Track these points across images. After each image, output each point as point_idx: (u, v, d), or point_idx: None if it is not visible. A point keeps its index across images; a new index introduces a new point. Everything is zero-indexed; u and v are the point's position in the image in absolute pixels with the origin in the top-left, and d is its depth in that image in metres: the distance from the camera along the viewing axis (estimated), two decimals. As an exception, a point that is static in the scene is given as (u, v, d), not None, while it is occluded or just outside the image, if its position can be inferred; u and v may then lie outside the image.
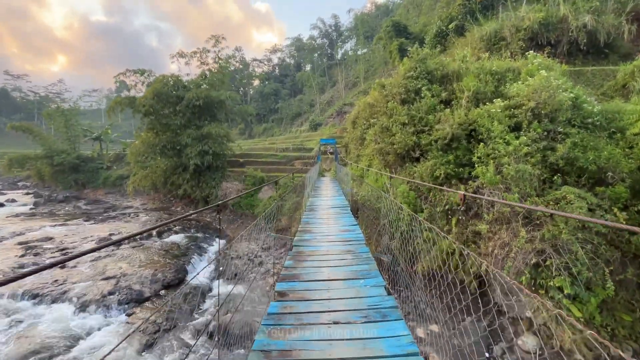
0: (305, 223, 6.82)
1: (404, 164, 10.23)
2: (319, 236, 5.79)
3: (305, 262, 4.37)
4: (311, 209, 8.62)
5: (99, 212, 18.48)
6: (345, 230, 6.36)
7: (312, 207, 9.00)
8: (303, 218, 7.39)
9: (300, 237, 5.72)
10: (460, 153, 8.07)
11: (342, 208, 8.79)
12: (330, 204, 9.39)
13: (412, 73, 10.04)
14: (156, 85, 17.06)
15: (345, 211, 8.37)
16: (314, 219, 7.33)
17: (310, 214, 7.93)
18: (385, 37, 26.83)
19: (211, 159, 17.25)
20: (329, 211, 8.40)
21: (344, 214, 7.98)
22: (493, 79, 8.70)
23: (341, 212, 8.16)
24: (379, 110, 11.58)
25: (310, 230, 6.22)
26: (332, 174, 18.45)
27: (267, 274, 11.19)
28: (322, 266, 4.25)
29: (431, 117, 8.88)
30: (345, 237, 5.78)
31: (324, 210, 8.46)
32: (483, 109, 7.72)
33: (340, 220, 7.17)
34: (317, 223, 6.89)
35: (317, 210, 8.43)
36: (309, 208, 8.79)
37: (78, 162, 25.55)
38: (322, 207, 8.91)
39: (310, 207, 8.86)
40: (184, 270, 10.70)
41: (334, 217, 7.65)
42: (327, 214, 8.08)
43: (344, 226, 6.71)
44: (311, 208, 8.80)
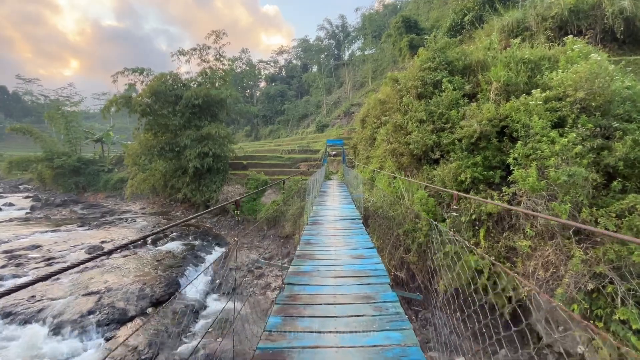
0: (305, 243, 5.42)
1: (421, 167, 9.09)
2: (322, 267, 4.24)
3: (300, 322, 2.69)
4: (314, 222, 7.26)
5: (95, 217, 17.70)
6: (358, 257, 4.76)
7: (316, 218, 7.64)
8: (303, 235, 6.00)
9: (297, 267, 4.19)
10: (489, 154, 6.91)
11: (352, 220, 7.39)
12: (338, 215, 8.05)
13: (430, 64, 8.92)
14: (153, 83, 16.25)
15: (356, 225, 6.96)
16: (317, 237, 5.90)
17: (312, 229, 6.54)
18: (394, 33, 25.69)
19: (211, 161, 16.31)
20: (336, 225, 6.97)
21: (356, 230, 6.53)
22: (526, 68, 7.50)
23: (351, 227, 6.76)
24: (391, 106, 10.47)
25: (311, 256, 4.72)
26: (340, 177, 17.36)
27: (267, 288, 10.13)
28: (324, 331, 2.54)
29: (453, 113, 7.74)
30: (360, 270, 4.10)
31: (330, 224, 7.08)
32: (518, 101, 6.54)
33: (352, 240, 5.71)
34: (320, 244, 5.46)
35: (321, 224, 7.07)
36: (312, 220, 7.42)
37: (79, 164, 24.97)
38: (327, 219, 7.56)
39: (314, 219, 7.51)
40: (176, 284, 9.70)
41: (343, 234, 6.22)
42: (333, 228, 6.67)
43: (357, 249, 5.20)
44: (314, 220, 7.42)
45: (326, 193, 11.34)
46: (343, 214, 8.06)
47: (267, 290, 9.98)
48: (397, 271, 8.50)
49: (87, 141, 29.08)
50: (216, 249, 13.63)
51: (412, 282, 8.38)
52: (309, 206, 7.96)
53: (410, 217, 8.29)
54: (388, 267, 8.46)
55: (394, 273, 8.43)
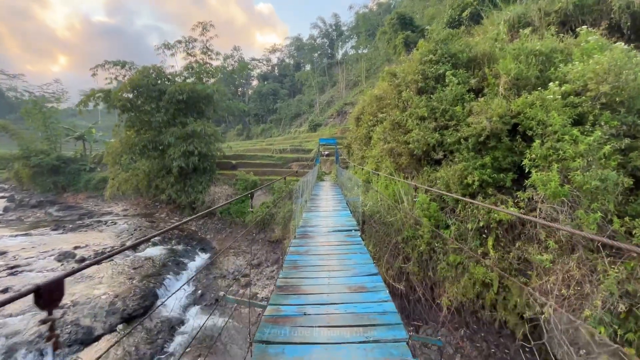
0: (290, 265, 4.16)
1: (421, 168, 8.40)
2: (311, 307, 2.92)
3: None
4: (304, 234, 5.99)
5: (71, 220, 16.59)
6: (359, 290, 3.34)
7: (306, 229, 6.38)
8: (289, 253, 4.72)
9: (276, 307, 2.93)
10: (499, 154, 6.24)
11: (348, 233, 6.13)
12: (332, 224, 6.88)
13: (432, 56, 8.22)
14: (135, 77, 15.21)
15: (354, 239, 5.68)
16: (306, 256, 4.59)
17: (301, 245, 5.24)
18: (389, 30, 25.06)
19: (197, 160, 15.37)
20: (329, 239, 5.69)
21: (354, 246, 5.22)
22: (536, 61, 6.86)
23: (348, 242, 5.50)
24: (389, 103, 9.76)
25: (297, 288, 3.43)
26: (333, 178, 16.61)
27: (254, 298, 9.30)
28: None
29: (458, 109, 7.05)
30: (364, 315, 2.76)
31: (322, 237, 5.84)
32: (533, 96, 5.88)
33: (349, 262, 4.39)
34: (309, 267, 4.15)
35: (312, 237, 5.82)
36: (301, 232, 6.13)
37: (58, 163, 23.62)
38: (319, 231, 6.29)
39: (303, 230, 6.26)
40: (153, 296, 8.82)
41: (339, 251, 4.90)
42: (326, 243, 5.42)
43: (357, 276, 3.79)
44: (304, 232, 6.13)
45: (318, 196, 10.47)
46: (338, 223, 7.01)
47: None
48: (396, 282, 7.78)
49: (68, 138, 27.66)
50: (200, 254, 12.75)
51: (412, 294, 7.68)
52: (298, 213, 6.97)
53: (409, 223, 7.57)
54: (385, 277, 7.75)
55: (392, 285, 7.71)
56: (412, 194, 7.86)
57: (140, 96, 15.67)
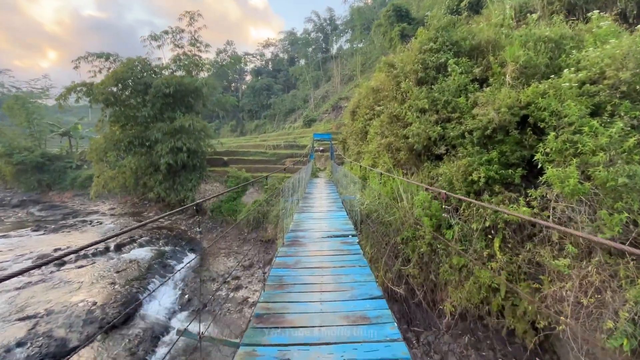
0: (274, 283, 3.43)
1: (421, 163, 7.90)
2: (296, 353, 2.28)
3: None
4: (294, 240, 5.23)
5: (54, 220, 15.86)
6: (360, 321, 2.68)
7: (297, 234, 5.67)
8: (274, 266, 4.00)
9: (252, 348, 2.35)
10: (507, 148, 5.75)
11: (345, 239, 5.37)
12: (326, 228, 6.22)
13: (432, 45, 7.69)
14: (119, 69, 14.44)
15: (351, 247, 4.94)
16: (295, 270, 3.86)
17: (289, 255, 4.48)
18: (385, 23, 24.49)
19: (186, 157, 14.69)
20: (323, 247, 4.91)
21: (351, 258, 4.41)
22: (546, 48, 6.36)
23: (345, 251, 4.73)
24: (386, 95, 9.23)
25: (280, 319, 2.73)
26: (328, 174, 16.08)
27: (244, 303, 8.79)
28: None
29: (462, 100, 6.55)
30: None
31: (314, 244, 5.07)
32: (545, 84, 5.39)
33: (347, 279, 3.61)
34: (298, 285, 3.43)
35: (303, 244, 5.10)
36: (291, 238, 5.40)
37: (42, 160, 22.69)
38: (312, 236, 5.54)
39: (293, 236, 5.53)
40: (135, 302, 8.24)
41: (333, 264, 4.11)
42: (319, 252, 4.67)
43: (356, 300, 3.06)
44: (294, 238, 5.39)
45: (312, 195, 9.89)
46: (333, 226, 6.40)
47: (243, 307, 8.65)
48: (395, 286, 7.29)
49: (52, 135, 26.65)
50: (189, 255, 12.16)
51: (412, 298, 7.22)
52: (287, 216, 6.34)
53: (409, 223, 7.08)
54: (383, 279, 7.28)
55: (391, 288, 7.23)
56: (412, 192, 7.37)
57: (125, 90, 14.91)
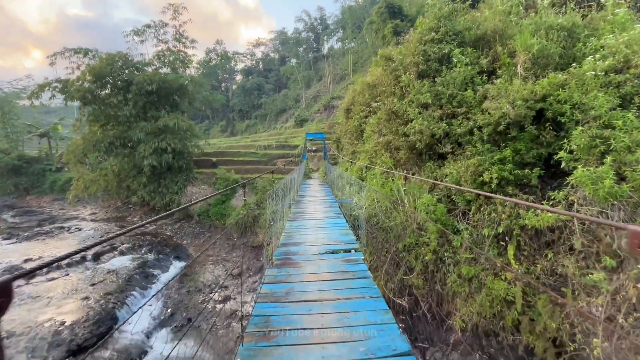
0: (256, 332, 2.38)
1: (423, 163, 7.32)
2: None
3: None
4: (284, 259, 4.20)
5: (29, 226, 14.80)
6: None
7: (288, 250, 4.61)
8: (258, 303, 2.87)
9: None
10: (521, 146, 5.21)
11: (347, 257, 4.31)
12: (324, 240, 5.16)
13: (434, 35, 7.12)
14: (97, 65, 13.52)
15: (357, 270, 3.73)
16: (285, 311, 2.76)
17: (278, 280, 3.44)
18: (377, 20, 24.02)
19: (171, 158, 13.85)
20: (321, 268, 3.84)
21: (359, 285, 3.31)
22: (558, 36, 5.85)
23: (350, 275, 3.58)
24: (384, 90, 8.63)
25: None
26: (321, 175, 15.43)
27: (232, 317, 8.07)
28: None
29: (469, 94, 5.98)
30: None
31: (310, 264, 3.97)
32: (563, 75, 4.85)
33: (356, 319, 2.63)
34: (290, 335, 2.38)
35: (296, 264, 4.02)
36: (281, 255, 4.36)
37: (19, 163, 21.46)
38: (306, 252, 4.52)
39: (284, 252, 4.49)
40: (111, 319, 7.44)
41: (337, 298, 2.99)
42: (317, 277, 3.56)
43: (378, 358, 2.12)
44: (285, 255, 4.36)
45: (305, 198, 9.15)
46: (331, 238, 5.33)
47: (231, 321, 7.93)
48: (397, 297, 6.68)
49: (31, 136, 25.31)
50: (174, 264, 11.35)
51: (416, 309, 6.62)
52: (276, 226, 5.46)
53: (411, 228, 6.48)
54: (384, 291, 6.67)
55: (393, 299, 6.62)
56: (414, 194, 6.77)
57: (105, 87, 14.00)
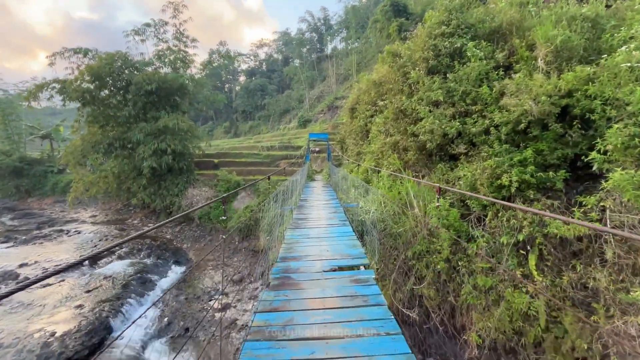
0: None
1: (433, 165, 6.89)
2: None
3: None
4: (283, 278, 3.55)
5: (27, 229, 14.58)
6: None
7: (288, 267, 3.91)
8: (249, 337, 2.36)
9: None
10: (544, 146, 4.76)
11: (356, 276, 3.66)
12: (328, 254, 4.47)
13: (444, 28, 6.69)
14: (96, 64, 13.24)
15: (369, 295, 3.08)
16: (283, 354, 2.21)
17: (274, 308, 2.87)
18: (382, 18, 23.62)
19: (171, 159, 13.53)
20: (325, 291, 3.20)
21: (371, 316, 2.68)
22: (582, 27, 5.40)
23: (360, 302, 2.94)
24: (391, 88, 8.21)
25: None
26: (325, 177, 15.02)
27: (232, 327, 7.69)
28: None
29: (484, 90, 5.54)
30: None
31: (312, 287, 3.33)
32: (591, 68, 4.41)
33: None
34: None
35: (295, 285, 3.38)
36: (280, 272, 3.72)
37: (21, 165, 21.33)
38: (308, 270, 3.82)
39: (283, 269, 3.81)
40: (104, 329, 7.10)
41: (349, 337, 2.40)
42: (321, 303, 2.95)
43: None
44: (284, 273, 3.68)
45: (308, 203, 8.70)
46: (337, 251, 4.63)
47: (231, 331, 7.55)
48: (406, 308, 6.24)
49: (32, 137, 25.23)
50: (174, 269, 11.02)
51: (427, 322, 6.19)
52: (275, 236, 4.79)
53: (422, 235, 6.05)
54: (392, 301, 6.25)
55: (401, 310, 6.19)
56: (424, 197, 6.35)
57: (104, 87, 13.73)
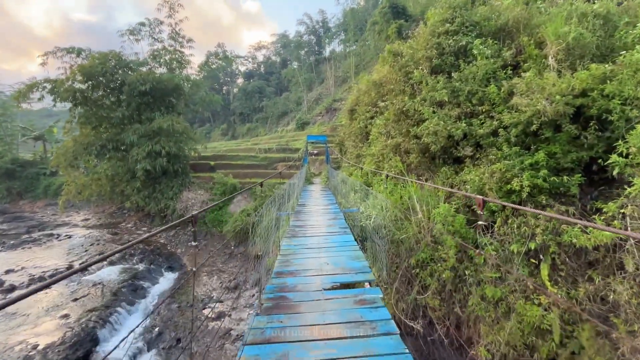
0: None
1: (437, 168, 6.62)
2: None
3: None
4: (277, 300, 2.99)
5: (17, 233, 14.14)
6: None
7: (284, 283, 3.40)
8: None
9: None
10: (557, 148, 4.50)
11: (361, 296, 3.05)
12: (329, 268, 3.86)
13: (448, 26, 6.44)
14: (86, 64, 12.89)
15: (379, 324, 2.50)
16: None
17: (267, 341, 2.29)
18: (381, 20, 23.46)
19: (165, 161, 13.18)
20: (326, 318, 2.63)
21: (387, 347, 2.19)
22: (594, 24, 5.16)
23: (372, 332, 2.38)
24: (392, 89, 7.94)
25: None
26: (323, 180, 14.72)
27: (226, 337, 7.33)
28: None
29: (492, 89, 5.28)
30: None
31: (311, 311, 2.78)
32: (607, 66, 4.15)
33: None
34: None
35: (292, 310, 2.79)
36: (275, 291, 3.18)
37: (13, 167, 20.88)
38: (307, 288, 3.28)
39: (279, 286, 3.31)
40: (91, 341, 6.72)
41: None
42: (323, 336, 2.35)
43: None
44: (279, 292, 3.17)
45: (306, 208, 8.30)
46: (338, 264, 4.01)
47: (225, 342, 7.19)
48: (409, 319, 5.93)
49: (25, 139, 24.74)
50: (167, 275, 10.64)
51: (431, 333, 5.88)
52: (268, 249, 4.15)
53: (425, 242, 5.76)
54: (395, 311, 5.94)
55: (404, 321, 5.88)
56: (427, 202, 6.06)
57: (97, 87, 13.38)
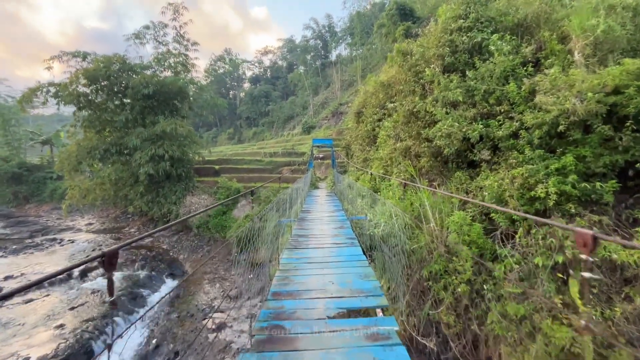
0: None
1: (450, 173, 6.20)
2: None
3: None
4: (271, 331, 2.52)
5: (20, 238, 14.05)
6: None
7: (282, 309, 2.94)
8: None
9: None
10: (587, 151, 4.07)
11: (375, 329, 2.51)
12: (335, 290, 3.45)
13: (462, 22, 6.06)
14: (90, 67, 12.81)
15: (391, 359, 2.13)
16: None
17: None
18: (388, 22, 23.15)
19: (168, 165, 12.98)
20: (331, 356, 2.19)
21: None
22: (623, 17, 4.73)
23: None
24: (401, 90, 7.56)
25: None
26: (329, 185, 14.35)
27: (226, 351, 6.95)
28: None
29: (512, 88, 4.87)
30: None
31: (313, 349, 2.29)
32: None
33: None
34: None
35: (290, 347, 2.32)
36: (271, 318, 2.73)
37: (20, 171, 20.98)
38: (310, 315, 2.81)
39: (275, 313, 2.84)
40: (85, 353, 6.42)
41: None
42: None
43: None
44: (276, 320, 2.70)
45: (310, 214, 7.88)
46: (345, 285, 3.57)
47: (225, 356, 6.81)
48: (421, 336, 5.48)
49: (33, 143, 24.95)
50: (168, 283, 10.34)
51: (444, 351, 5.42)
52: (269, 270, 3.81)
53: (438, 252, 5.34)
54: (405, 326, 5.51)
55: (415, 338, 5.44)
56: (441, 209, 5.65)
57: (101, 91, 13.30)
